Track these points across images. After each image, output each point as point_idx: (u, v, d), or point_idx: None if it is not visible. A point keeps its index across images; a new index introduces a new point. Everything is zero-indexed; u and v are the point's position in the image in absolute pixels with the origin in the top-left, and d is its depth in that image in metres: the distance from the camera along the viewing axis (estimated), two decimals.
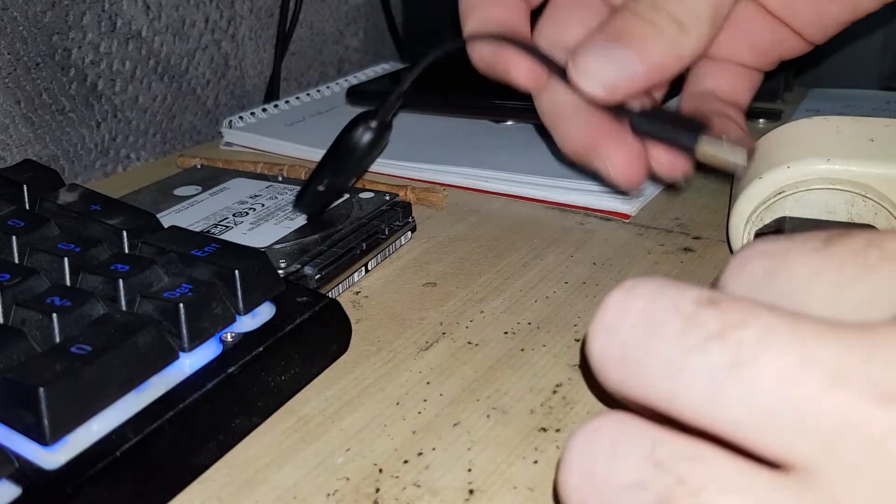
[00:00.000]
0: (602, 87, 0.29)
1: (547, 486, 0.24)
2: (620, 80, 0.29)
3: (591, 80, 0.29)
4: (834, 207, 0.31)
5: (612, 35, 0.29)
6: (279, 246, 0.35)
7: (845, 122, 0.32)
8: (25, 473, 0.22)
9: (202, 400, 0.25)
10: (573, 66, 0.29)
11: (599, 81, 0.29)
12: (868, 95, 0.56)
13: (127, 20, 0.50)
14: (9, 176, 0.34)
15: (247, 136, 0.53)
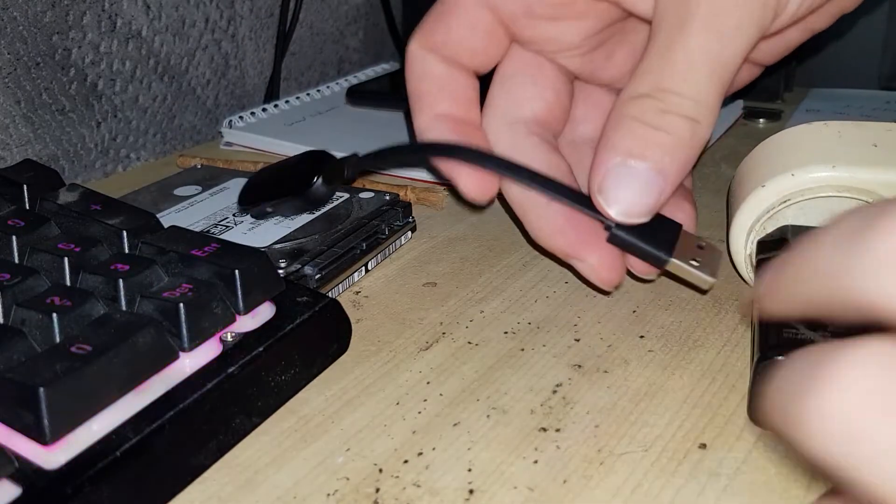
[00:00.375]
0: (634, 214, 0.27)
1: (547, 486, 0.24)
2: (651, 201, 0.27)
3: (621, 207, 0.27)
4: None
5: (628, 152, 0.27)
6: (279, 246, 0.35)
7: (846, 126, 0.31)
8: (25, 473, 0.22)
9: (202, 400, 0.25)
10: (600, 197, 0.27)
11: (630, 209, 0.27)
12: (868, 95, 0.56)
13: (127, 20, 0.50)
14: (9, 176, 0.34)
15: (247, 136, 0.53)
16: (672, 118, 0.26)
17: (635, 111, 0.27)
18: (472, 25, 0.31)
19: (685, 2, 0.26)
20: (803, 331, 0.25)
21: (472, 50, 0.32)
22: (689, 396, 0.27)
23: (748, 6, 0.26)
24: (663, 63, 0.27)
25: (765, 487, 0.23)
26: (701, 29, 0.26)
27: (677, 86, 0.26)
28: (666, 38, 0.27)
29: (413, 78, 0.33)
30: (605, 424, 0.26)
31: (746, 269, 0.32)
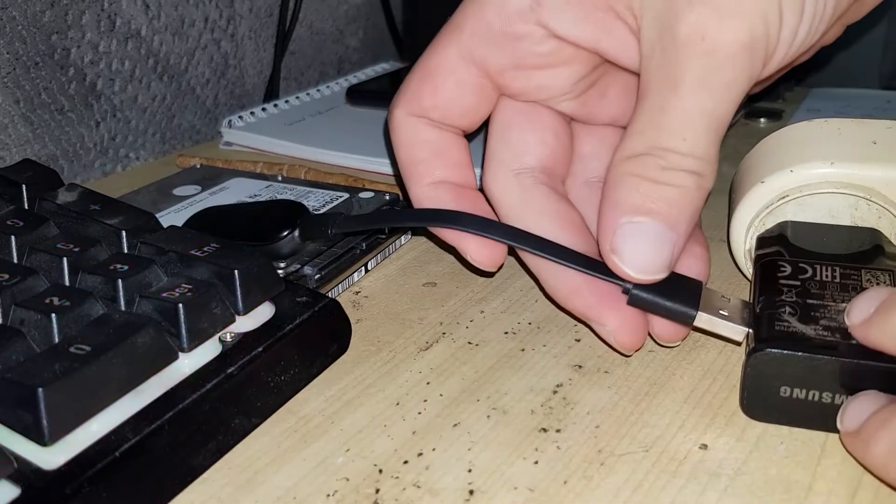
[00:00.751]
0: (651, 271, 0.26)
1: (547, 486, 0.24)
2: (666, 255, 0.26)
3: (637, 265, 0.26)
4: (837, 211, 0.31)
5: (635, 209, 0.26)
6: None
7: (846, 124, 0.31)
8: (24, 474, 0.22)
9: (201, 400, 0.25)
10: (615, 257, 0.26)
11: (646, 265, 0.26)
12: (868, 95, 0.56)
13: (126, 19, 0.50)
14: (8, 175, 0.34)
15: (246, 136, 0.53)
16: (675, 173, 0.26)
17: (636, 169, 0.26)
18: (460, 84, 0.30)
19: (677, 60, 0.26)
20: (795, 324, 0.25)
21: (463, 109, 0.31)
22: (689, 397, 0.27)
23: (738, 61, 0.26)
24: (659, 123, 0.26)
25: (765, 488, 0.23)
26: (694, 88, 0.26)
27: (676, 144, 0.26)
28: (658, 98, 0.26)
29: (402, 146, 0.32)
30: (606, 425, 0.26)
31: (746, 264, 0.33)
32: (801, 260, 0.28)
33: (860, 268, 0.28)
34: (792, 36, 0.26)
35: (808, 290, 0.27)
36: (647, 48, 0.27)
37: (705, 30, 0.25)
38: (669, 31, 0.26)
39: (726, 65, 0.25)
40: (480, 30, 0.29)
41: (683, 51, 0.26)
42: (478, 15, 0.29)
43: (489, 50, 0.29)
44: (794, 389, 0.25)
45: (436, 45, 0.31)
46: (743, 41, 0.25)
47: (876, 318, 0.24)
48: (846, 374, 0.24)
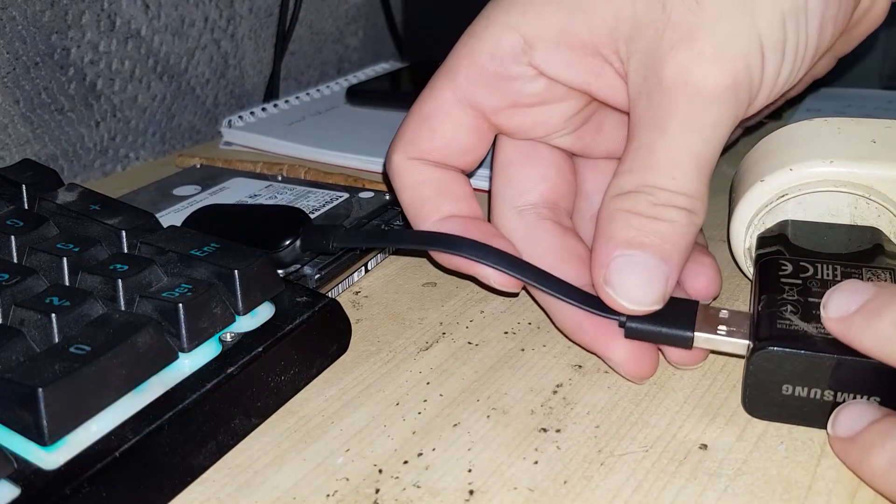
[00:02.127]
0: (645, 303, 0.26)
1: (547, 487, 0.24)
2: (659, 288, 0.26)
3: (631, 297, 0.26)
4: (837, 210, 0.31)
5: (627, 243, 0.26)
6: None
7: (846, 123, 0.31)
8: (24, 474, 0.22)
9: (201, 400, 0.25)
10: (609, 289, 0.27)
11: (640, 298, 0.26)
12: (869, 95, 0.56)
13: (126, 19, 0.50)
14: (8, 175, 0.34)
15: (246, 136, 0.53)
16: (665, 209, 0.26)
17: (627, 205, 0.27)
18: (457, 125, 0.31)
19: (663, 103, 0.26)
20: (797, 322, 0.25)
21: (461, 149, 0.31)
22: (689, 397, 0.27)
23: (722, 103, 0.26)
24: (647, 162, 0.27)
25: (765, 488, 0.23)
26: (681, 130, 0.26)
27: (665, 182, 0.26)
28: (646, 139, 0.27)
29: (406, 189, 0.32)
30: (606, 425, 0.26)
31: (746, 263, 0.33)
32: (802, 258, 0.28)
33: (861, 266, 0.28)
34: (775, 76, 0.27)
35: (809, 289, 0.27)
36: (634, 91, 0.27)
37: (688, 74, 0.26)
38: (654, 75, 0.26)
39: (710, 107, 0.26)
40: (474, 73, 0.30)
41: (669, 94, 0.26)
42: (471, 58, 0.30)
43: (484, 91, 0.30)
44: (795, 388, 0.25)
45: (431, 89, 0.31)
46: (726, 84, 0.26)
47: (857, 319, 0.24)
48: (848, 372, 0.24)
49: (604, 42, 0.28)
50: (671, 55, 0.26)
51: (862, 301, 0.24)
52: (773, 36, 0.26)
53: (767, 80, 0.27)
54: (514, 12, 0.29)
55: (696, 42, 0.26)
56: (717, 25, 0.26)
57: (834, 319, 0.24)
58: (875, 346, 0.23)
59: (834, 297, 0.25)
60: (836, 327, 0.24)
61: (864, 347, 0.24)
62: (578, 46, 0.28)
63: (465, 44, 0.30)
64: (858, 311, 0.24)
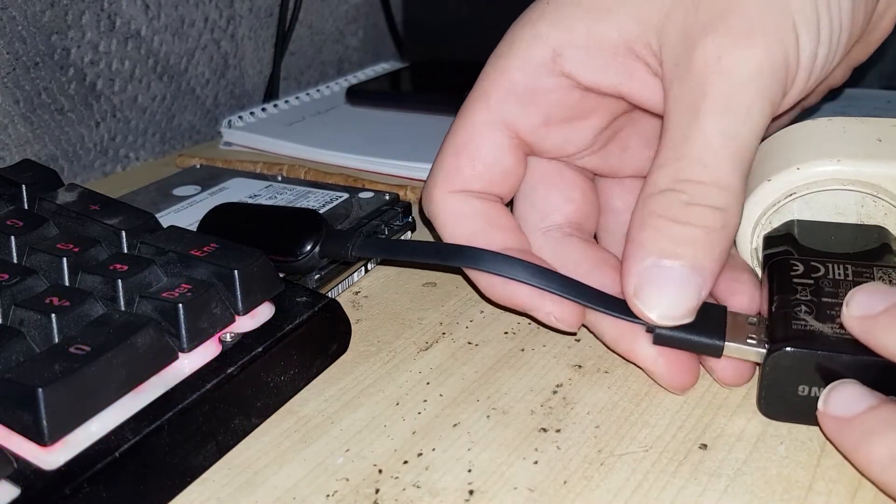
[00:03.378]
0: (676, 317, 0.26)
1: (547, 487, 0.24)
2: (692, 300, 0.26)
3: (662, 311, 0.26)
4: (844, 209, 0.31)
5: (660, 252, 0.25)
6: None
7: (851, 122, 0.31)
8: (24, 474, 0.22)
9: (201, 400, 0.25)
10: (638, 302, 0.26)
11: (670, 311, 0.26)
12: (869, 94, 0.56)
13: (126, 19, 0.50)
14: (8, 176, 0.33)
15: (246, 136, 0.53)
16: (698, 210, 0.25)
17: (659, 208, 0.26)
18: (497, 147, 0.30)
19: (695, 87, 0.26)
20: (812, 322, 0.25)
21: (504, 173, 0.30)
22: (689, 397, 0.27)
23: (757, 83, 0.25)
24: (680, 152, 0.26)
25: (765, 488, 0.23)
26: (713, 112, 0.25)
27: (698, 174, 0.25)
28: (680, 126, 0.26)
29: (451, 224, 0.30)
30: (606, 425, 0.26)
31: (752, 263, 0.32)
32: (812, 258, 0.28)
33: (872, 265, 0.28)
34: (812, 59, 0.26)
35: (822, 289, 0.27)
36: (668, 82, 0.27)
37: (721, 52, 0.25)
38: (686, 58, 0.26)
39: (746, 86, 0.25)
40: (506, 90, 0.29)
41: (701, 76, 0.25)
42: (502, 76, 0.29)
43: (517, 109, 0.30)
44: (811, 388, 0.25)
45: (463, 116, 0.31)
46: (760, 61, 0.25)
47: (883, 319, 0.24)
48: (865, 372, 0.24)
49: (634, 38, 0.27)
50: (703, 35, 0.25)
51: (889, 303, 0.24)
52: (806, 14, 0.25)
53: (804, 63, 0.26)
54: (541, 24, 0.29)
55: (727, 20, 0.25)
56: (749, 3, 0.25)
57: (857, 318, 0.24)
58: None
59: (858, 297, 0.24)
60: (858, 326, 0.24)
61: (886, 348, 0.24)
62: (609, 48, 0.28)
63: (493, 64, 0.30)
64: (885, 312, 0.24)
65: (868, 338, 0.24)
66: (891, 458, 0.22)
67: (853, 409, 0.23)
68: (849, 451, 0.23)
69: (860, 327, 0.24)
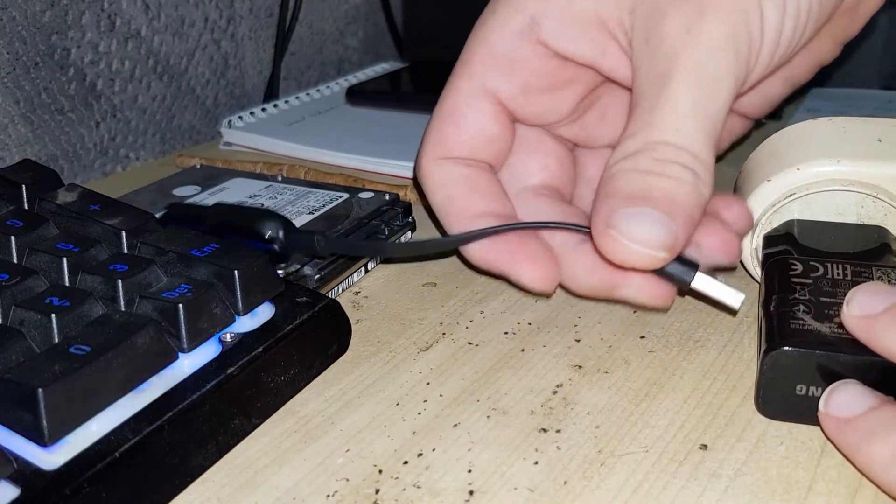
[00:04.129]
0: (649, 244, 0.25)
1: (547, 487, 0.24)
2: (666, 235, 0.25)
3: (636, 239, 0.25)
4: (844, 209, 0.31)
5: (629, 197, 0.25)
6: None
7: (851, 122, 0.31)
8: (24, 474, 0.22)
9: (201, 401, 0.25)
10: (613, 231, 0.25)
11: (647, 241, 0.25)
12: (869, 95, 0.56)
13: (126, 19, 0.50)
14: (8, 176, 0.33)
15: (246, 136, 0.53)
16: (670, 165, 0.25)
17: (629, 164, 0.26)
18: (480, 114, 0.31)
19: (664, 60, 0.26)
20: (810, 322, 0.25)
21: (488, 138, 0.31)
22: (689, 397, 0.27)
23: (724, 53, 0.26)
24: (651, 121, 0.26)
25: (765, 488, 0.23)
26: (683, 81, 0.26)
27: (669, 137, 0.26)
28: (649, 98, 0.26)
29: (437, 189, 0.31)
30: (606, 425, 0.26)
31: (752, 263, 0.32)
32: (811, 258, 0.28)
33: (871, 265, 0.28)
34: (777, 33, 0.27)
35: (820, 288, 0.27)
36: (638, 57, 0.27)
37: (689, 24, 0.26)
38: (656, 33, 0.26)
39: (713, 56, 0.26)
40: (488, 59, 0.30)
41: (669, 47, 0.26)
42: (483, 45, 0.30)
43: (499, 76, 0.30)
44: (809, 388, 0.25)
45: (449, 85, 0.31)
46: (726, 32, 0.26)
47: (884, 319, 0.24)
48: (864, 371, 0.24)
49: (608, 14, 0.28)
50: (671, 9, 0.26)
51: (889, 303, 0.24)
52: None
53: (770, 36, 0.26)
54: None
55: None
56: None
57: (857, 317, 0.24)
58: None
59: (859, 296, 0.25)
60: (858, 325, 0.24)
61: (886, 348, 0.24)
62: (584, 20, 0.28)
63: (475, 34, 0.31)
64: (886, 312, 0.24)
65: (868, 338, 0.24)
66: (892, 459, 0.22)
67: (854, 409, 0.23)
68: (850, 452, 0.23)
69: (860, 327, 0.24)
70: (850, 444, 0.23)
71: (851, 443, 0.23)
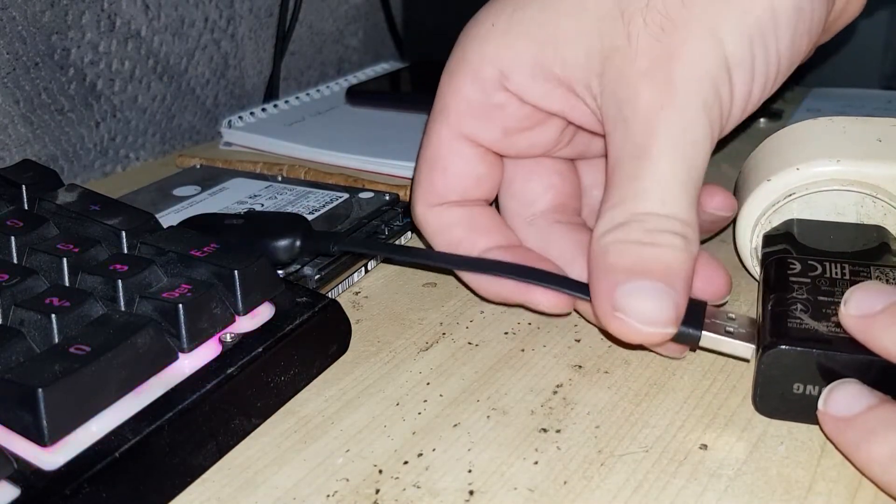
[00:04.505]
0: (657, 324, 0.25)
1: (547, 487, 0.24)
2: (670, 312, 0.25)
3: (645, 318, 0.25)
4: (843, 209, 0.31)
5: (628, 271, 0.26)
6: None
7: (851, 122, 0.31)
8: (24, 474, 0.22)
9: (201, 401, 0.25)
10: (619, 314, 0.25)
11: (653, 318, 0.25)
12: (869, 95, 0.56)
13: (126, 20, 0.50)
14: (8, 176, 0.33)
15: (246, 136, 0.53)
16: (661, 234, 0.26)
17: (620, 236, 0.26)
18: (465, 158, 0.31)
19: (640, 131, 0.26)
20: (807, 320, 0.25)
21: (477, 179, 0.31)
22: (689, 397, 0.27)
23: (699, 126, 0.26)
24: (634, 191, 0.26)
25: (766, 488, 0.23)
26: (663, 153, 0.26)
27: (655, 208, 0.26)
28: (629, 168, 0.26)
29: (437, 235, 0.32)
30: (606, 425, 0.26)
31: (752, 263, 0.33)
32: (810, 257, 0.28)
33: (869, 265, 0.28)
34: (746, 94, 0.27)
35: (818, 287, 0.27)
36: (610, 125, 0.27)
37: (663, 98, 0.26)
38: (629, 105, 0.27)
39: (689, 127, 0.26)
40: (463, 107, 0.30)
41: (644, 120, 0.26)
42: (456, 95, 0.30)
43: (476, 123, 0.30)
44: (807, 386, 0.25)
45: (428, 134, 0.31)
46: (699, 104, 0.26)
47: (883, 318, 0.24)
48: (860, 370, 0.24)
49: (576, 78, 0.28)
50: (643, 83, 0.26)
51: (887, 302, 0.24)
52: (740, 56, 0.26)
53: (738, 98, 0.27)
54: (488, 46, 0.29)
55: (664, 68, 0.26)
56: (684, 50, 0.26)
57: (854, 317, 0.24)
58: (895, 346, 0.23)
59: (857, 295, 0.25)
60: (856, 325, 0.24)
61: (884, 347, 0.24)
62: (552, 79, 0.29)
63: (447, 83, 0.31)
64: (883, 312, 0.24)
65: (866, 337, 0.24)
66: (891, 458, 0.22)
67: (853, 408, 0.23)
68: (849, 451, 0.23)
69: (858, 326, 0.24)
70: (849, 444, 0.23)
71: (851, 442, 0.23)
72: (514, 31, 0.29)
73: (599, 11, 0.27)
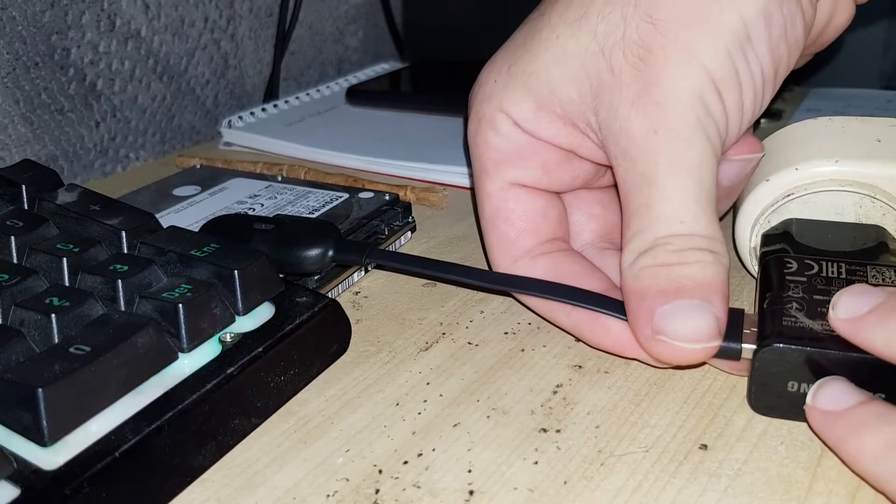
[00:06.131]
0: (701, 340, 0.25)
1: (547, 487, 0.24)
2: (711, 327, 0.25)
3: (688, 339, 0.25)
4: (842, 209, 0.31)
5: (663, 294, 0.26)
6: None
7: (851, 122, 0.31)
8: (24, 474, 0.22)
9: (201, 401, 0.25)
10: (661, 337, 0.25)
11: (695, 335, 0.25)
12: (869, 95, 0.56)
13: (126, 19, 0.50)
14: (8, 176, 0.34)
15: (246, 136, 0.53)
16: (688, 252, 0.26)
17: (647, 262, 0.26)
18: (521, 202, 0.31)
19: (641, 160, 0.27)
20: (802, 319, 0.25)
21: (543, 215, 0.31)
22: (689, 397, 0.27)
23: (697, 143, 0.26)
24: (650, 218, 0.26)
25: (766, 488, 0.23)
26: (668, 177, 0.26)
27: (676, 229, 0.26)
28: (640, 197, 0.27)
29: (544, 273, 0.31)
30: (606, 425, 0.26)
31: (751, 262, 0.33)
32: (807, 256, 0.28)
33: (866, 264, 0.28)
34: (738, 106, 0.27)
35: (814, 286, 0.27)
36: (613, 158, 0.28)
37: (655, 124, 0.26)
38: (625, 135, 0.27)
39: (687, 147, 0.26)
40: (496, 157, 0.31)
41: (644, 148, 0.26)
42: (486, 148, 0.31)
43: (515, 169, 0.31)
44: (801, 384, 0.25)
45: (479, 196, 0.32)
46: (692, 121, 0.26)
47: (870, 319, 0.24)
48: (854, 369, 0.24)
49: (574, 114, 0.29)
50: (633, 112, 0.27)
51: (874, 304, 0.24)
52: (724, 71, 0.26)
53: (733, 111, 0.27)
54: (495, 100, 0.30)
55: (651, 94, 0.26)
56: (665, 75, 0.26)
57: (843, 321, 0.24)
58: (886, 345, 0.23)
59: (844, 300, 0.25)
60: (845, 328, 0.24)
61: (875, 346, 0.24)
62: (558, 120, 0.29)
63: (473, 144, 0.31)
64: (870, 313, 0.24)
65: (856, 339, 0.24)
66: (884, 450, 0.22)
67: (842, 403, 0.23)
68: (836, 444, 0.23)
69: (847, 329, 0.24)
70: (837, 437, 0.23)
71: (839, 435, 0.23)
72: (513, 83, 0.29)
73: (582, 51, 0.28)
